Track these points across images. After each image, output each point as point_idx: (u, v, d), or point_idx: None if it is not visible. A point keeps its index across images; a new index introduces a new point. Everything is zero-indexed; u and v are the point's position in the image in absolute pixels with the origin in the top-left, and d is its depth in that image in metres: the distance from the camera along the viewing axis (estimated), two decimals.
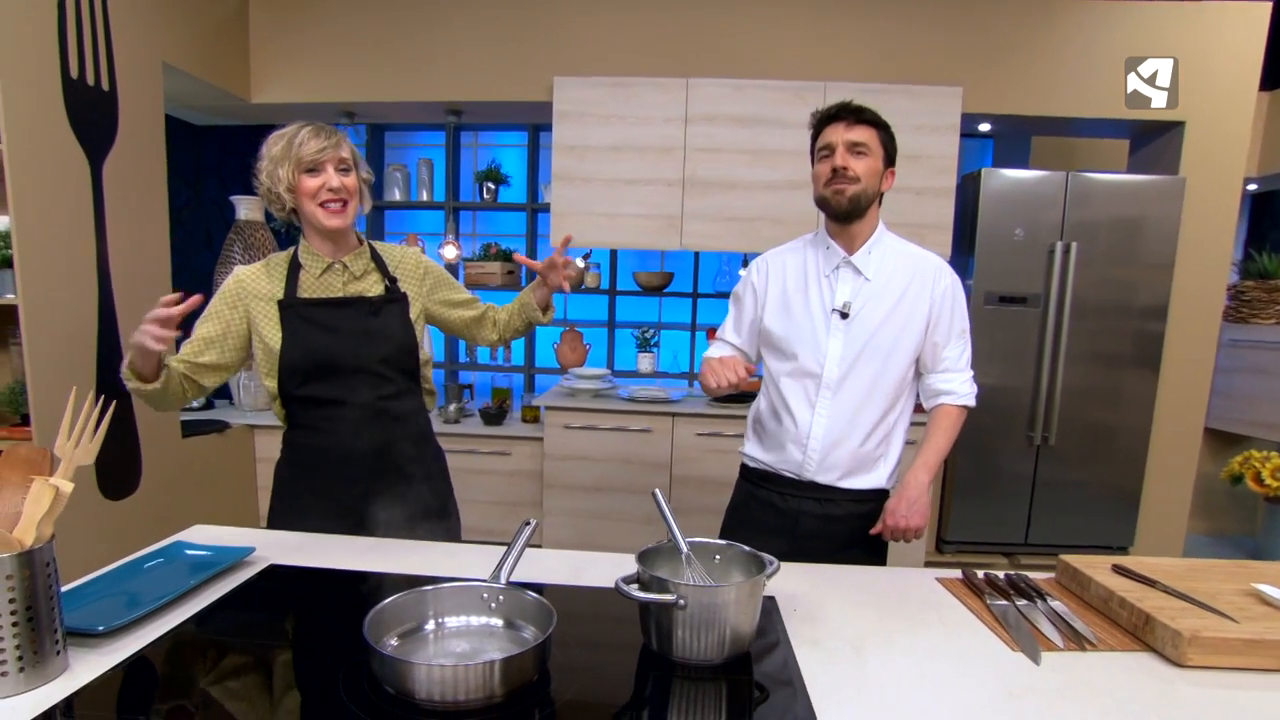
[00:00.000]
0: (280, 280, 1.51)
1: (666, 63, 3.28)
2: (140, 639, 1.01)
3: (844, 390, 1.54)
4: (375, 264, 1.58)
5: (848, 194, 1.50)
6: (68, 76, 2.34)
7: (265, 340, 1.49)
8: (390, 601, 0.97)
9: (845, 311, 1.54)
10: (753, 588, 0.99)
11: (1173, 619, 1.05)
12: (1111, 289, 3.15)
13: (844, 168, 1.49)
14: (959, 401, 1.60)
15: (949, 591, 1.28)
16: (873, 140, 1.50)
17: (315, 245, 1.52)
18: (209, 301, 1.50)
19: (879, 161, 1.52)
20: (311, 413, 1.52)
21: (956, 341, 1.60)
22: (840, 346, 1.54)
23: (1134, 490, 3.26)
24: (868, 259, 1.56)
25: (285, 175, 1.43)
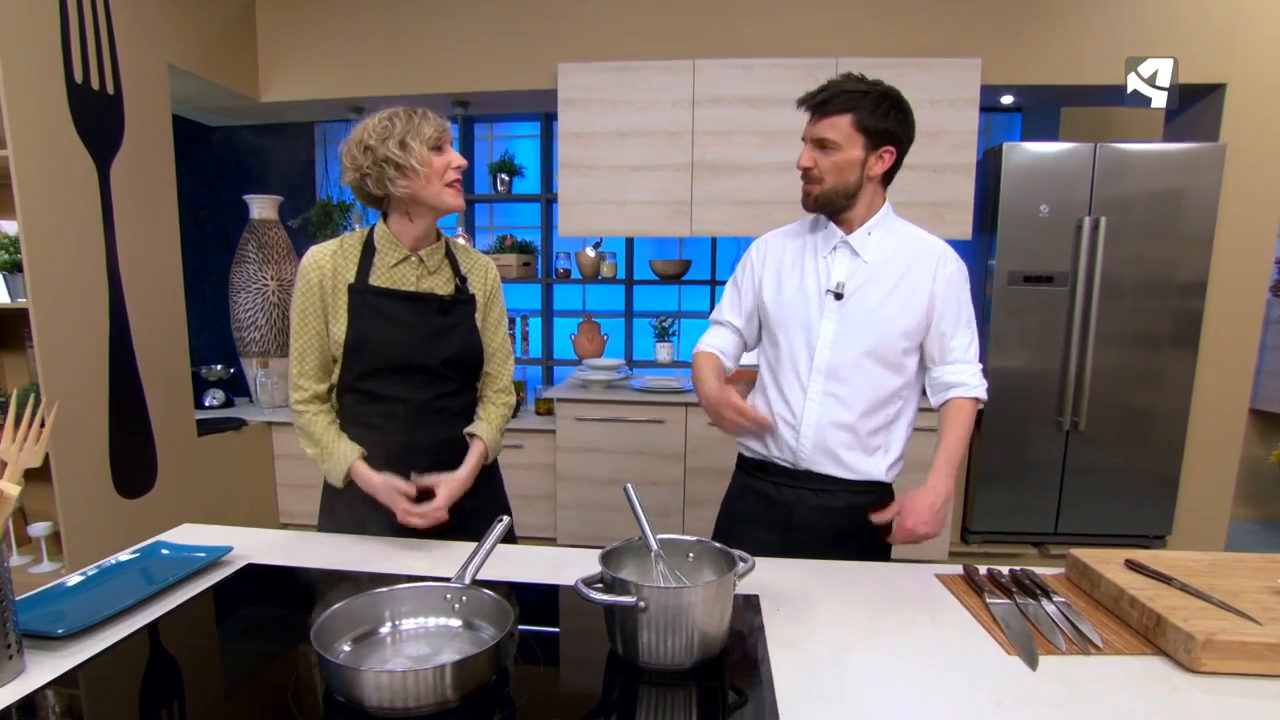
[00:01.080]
0: (353, 262, 1.45)
1: (673, 45, 3.21)
2: (101, 642, 0.99)
3: (837, 375, 1.47)
4: (449, 261, 1.52)
5: (813, 195, 1.45)
6: (72, 81, 2.37)
7: (332, 327, 1.44)
8: (343, 605, 0.94)
9: (839, 292, 1.46)
10: (720, 588, 0.93)
11: (1186, 620, 0.96)
12: (1145, 265, 2.98)
13: (807, 168, 1.43)
14: (971, 394, 1.50)
15: (947, 589, 1.21)
16: (844, 131, 1.40)
17: (396, 231, 1.45)
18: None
19: (855, 150, 1.41)
20: (367, 407, 1.48)
21: (964, 331, 1.51)
22: (834, 328, 1.47)
23: (1172, 476, 3.10)
24: (866, 240, 1.48)
25: (419, 149, 1.36)
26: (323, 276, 1.43)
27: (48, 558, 2.46)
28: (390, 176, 1.38)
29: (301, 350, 1.46)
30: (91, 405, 2.46)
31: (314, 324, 1.45)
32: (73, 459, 2.37)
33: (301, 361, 1.46)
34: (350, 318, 1.43)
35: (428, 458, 1.46)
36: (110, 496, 2.52)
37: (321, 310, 1.44)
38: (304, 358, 1.46)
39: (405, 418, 1.46)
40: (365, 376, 1.45)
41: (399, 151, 1.36)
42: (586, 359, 3.69)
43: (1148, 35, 3.01)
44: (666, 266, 3.71)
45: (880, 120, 1.40)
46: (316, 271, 1.44)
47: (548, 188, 3.99)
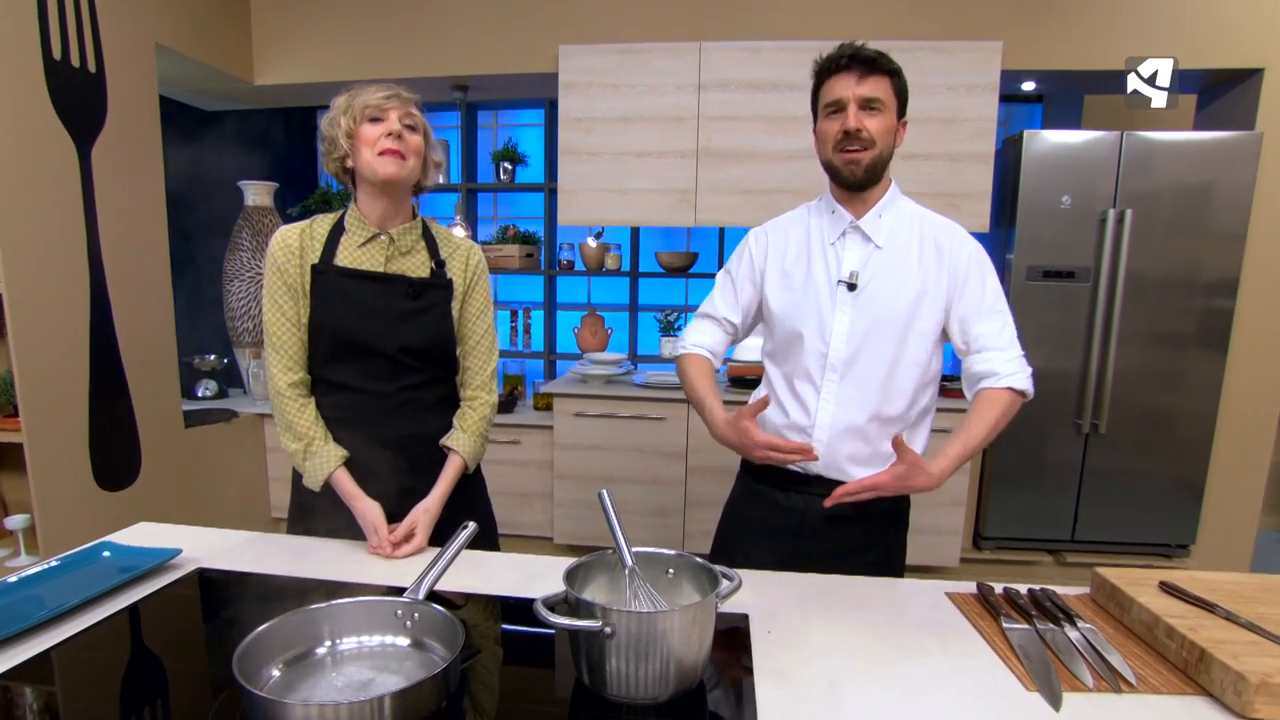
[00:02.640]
0: (320, 242, 1.36)
1: (678, 27, 3.08)
2: (14, 656, 0.90)
3: (854, 372, 1.35)
4: (425, 242, 1.42)
5: (864, 163, 1.31)
6: (50, 58, 2.27)
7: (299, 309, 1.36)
8: (275, 623, 0.83)
9: (853, 282, 1.34)
10: (698, 612, 0.82)
11: (1236, 657, 0.84)
12: (1172, 261, 2.83)
13: (858, 129, 1.29)
14: (1003, 383, 1.31)
15: (959, 610, 1.09)
16: (888, 93, 1.30)
17: (365, 209, 1.36)
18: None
19: (893, 116, 1.32)
20: (332, 398, 1.39)
21: (991, 316, 1.35)
22: (848, 321, 1.35)
23: (1196, 482, 2.95)
24: (878, 224, 1.37)
25: (345, 122, 1.31)
26: (289, 256, 1.34)
27: (25, 551, 2.38)
28: (329, 153, 1.35)
29: (277, 334, 1.36)
30: (70, 394, 2.38)
31: (285, 306, 1.35)
32: (49, 450, 2.28)
33: (277, 347, 1.36)
34: (313, 299, 1.34)
35: (393, 454, 1.36)
36: (89, 488, 2.44)
37: (290, 291, 1.35)
38: (282, 342, 1.36)
39: (367, 409, 1.36)
40: (326, 362, 1.35)
41: (328, 128, 1.34)
42: (589, 353, 3.59)
43: (1180, 17, 2.85)
44: (673, 259, 3.60)
45: (905, 91, 1.33)
46: (283, 252, 1.34)
47: (551, 177, 3.88)
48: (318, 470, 1.34)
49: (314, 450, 1.35)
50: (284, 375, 1.36)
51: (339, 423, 1.38)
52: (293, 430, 1.36)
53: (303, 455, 1.35)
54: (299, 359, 1.37)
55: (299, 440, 1.35)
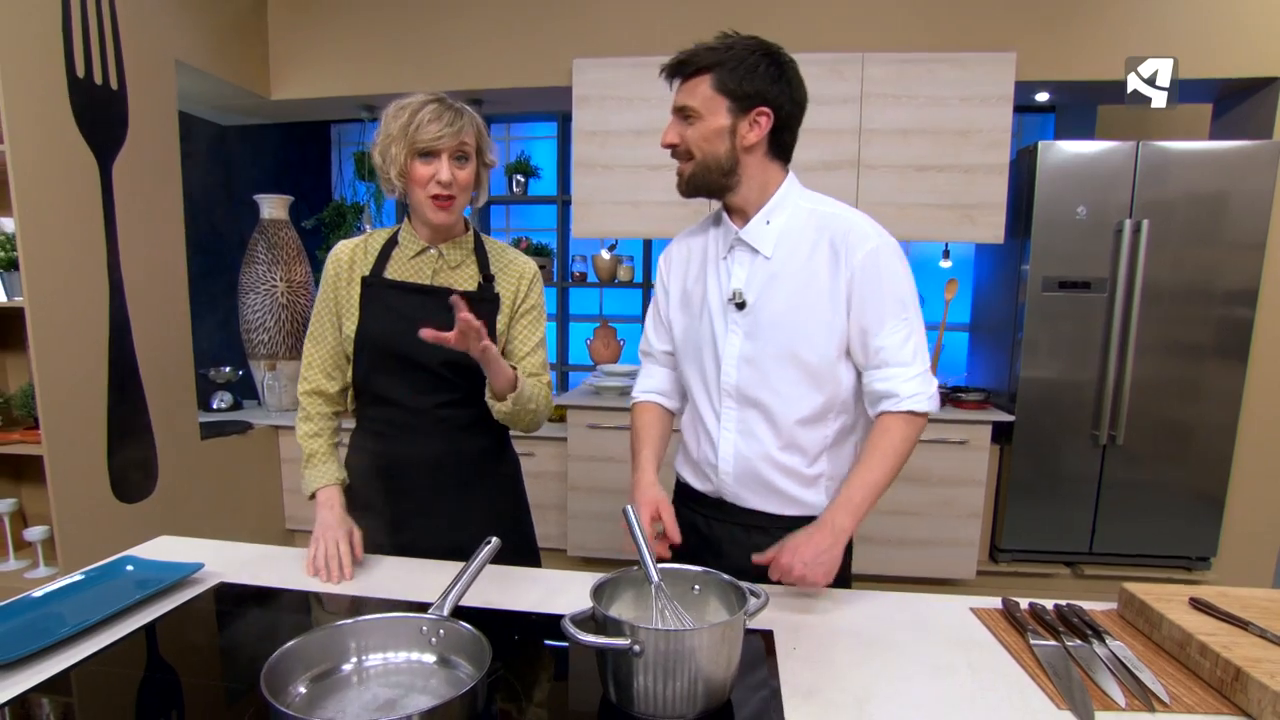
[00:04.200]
0: (374, 256, 1.40)
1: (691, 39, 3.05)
2: (40, 672, 0.90)
3: (750, 397, 1.26)
4: (476, 256, 1.42)
5: (683, 177, 1.23)
6: (73, 75, 2.31)
7: (345, 323, 1.39)
8: (301, 640, 0.83)
9: (740, 301, 1.24)
10: (727, 630, 0.82)
11: (1273, 676, 0.83)
12: (1190, 271, 2.81)
13: (671, 145, 1.22)
14: (902, 406, 1.19)
15: (985, 626, 1.08)
16: (703, 95, 1.18)
17: (417, 227, 1.39)
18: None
19: (719, 117, 1.18)
20: (374, 410, 1.42)
21: (894, 326, 1.20)
22: (739, 343, 1.25)
23: (1217, 494, 2.92)
24: (764, 231, 1.23)
25: (398, 156, 1.28)
26: (339, 269, 1.40)
27: (44, 563, 2.39)
28: (383, 180, 1.35)
29: (313, 340, 1.42)
30: (90, 407, 2.40)
31: (326, 316, 1.41)
32: (69, 462, 2.30)
33: (309, 353, 1.43)
34: (361, 311, 1.38)
35: (426, 473, 1.37)
36: (108, 501, 2.45)
37: (334, 303, 1.40)
38: (311, 350, 1.42)
39: (403, 424, 1.38)
40: (369, 374, 1.39)
41: (379, 158, 1.32)
42: (602, 364, 3.59)
43: (1194, 27, 2.84)
44: None
45: (745, 79, 1.17)
46: (334, 264, 1.41)
47: (564, 190, 3.90)
48: (309, 483, 1.38)
49: (314, 464, 1.39)
50: (304, 383, 1.43)
51: (378, 436, 1.41)
52: (300, 435, 1.42)
53: (305, 462, 1.40)
54: (322, 368, 1.42)
55: (303, 450, 1.41)
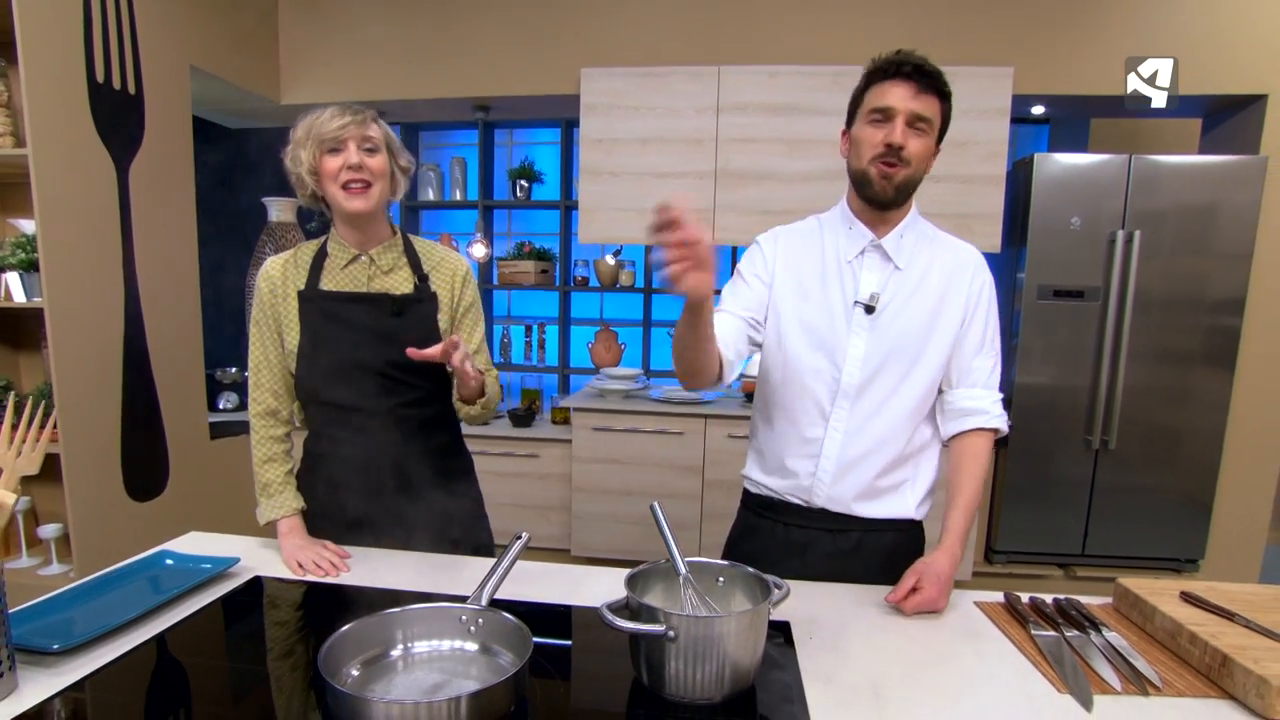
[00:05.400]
0: (305, 270, 1.41)
1: (697, 51, 3.17)
2: (98, 658, 0.95)
3: (865, 399, 1.29)
4: (408, 259, 1.45)
5: (896, 180, 1.23)
6: (93, 80, 2.35)
7: (286, 339, 1.41)
8: (352, 626, 0.89)
9: (871, 305, 1.28)
10: (754, 618, 0.87)
11: (1257, 661, 0.89)
12: (1180, 281, 2.89)
13: (901, 146, 1.20)
14: (992, 424, 1.30)
15: (988, 618, 1.14)
16: (936, 114, 1.22)
17: (343, 234, 1.40)
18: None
19: (934, 140, 1.25)
20: (327, 418, 1.42)
21: (989, 352, 1.32)
22: (864, 346, 1.28)
23: (1205, 498, 3.00)
24: (899, 244, 1.30)
25: (306, 157, 1.32)
26: (272, 287, 1.41)
27: (57, 560, 2.43)
28: (297, 187, 1.38)
29: (255, 364, 1.43)
30: (104, 406, 2.44)
31: (265, 337, 1.42)
32: (84, 460, 2.34)
33: (256, 374, 1.43)
34: (302, 325, 1.39)
35: (395, 472, 1.40)
36: (121, 499, 2.49)
37: (273, 323, 1.41)
38: (258, 371, 1.43)
39: (366, 428, 1.39)
40: (320, 385, 1.39)
41: (292, 164, 1.36)
42: (604, 368, 3.64)
43: (1185, 43, 2.93)
44: None
45: (949, 117, 1.26)
46: (266, 282, 1.41)
47: (567, 195, 3.96)
48: (266, 513, 1.40)
49: (270, 493, 1.41)
50: (255, 404, 1.43)
51: (337, 441, 1.41)
52: (254, 461, 1.43)
53: (259, 491, 1.41)
54: (270, 388, 1.43)
55: (258, 477, 1.42)
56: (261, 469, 1.41)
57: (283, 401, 1.43)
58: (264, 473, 1.41)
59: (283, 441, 1.44)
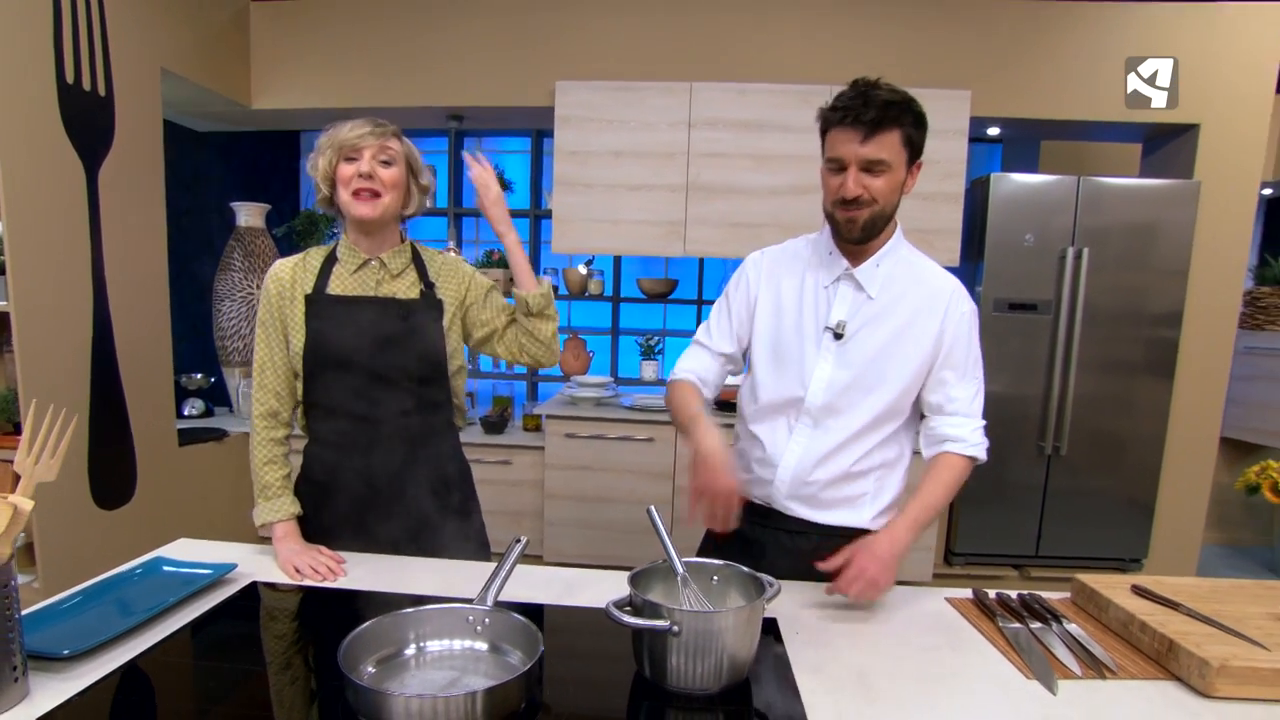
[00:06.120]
0: (314, 273, 1.43)
1: (670, 67, 3.24)
2: (107, 664, 0.96)
3: (827, 419, 1.34)
4: (415, 265, 1.48)
5: (860, 222, 1.26)
6: (63, 81, 2.32)
7: (292, 341, 1.42)
8: (367, 626, 0.92)
9: (839, 331, 1.32)
10: (751, 613, 0.94)
11: (1199, 646, 0.99)
12: (1124, 295, 3.08)
13: (856, 196, 1.24)
14: (967, 451, 1.34)
15: (958, 613, 1.23)
16: (895, 149, 1.22)
17: (353, 239, 1.44)
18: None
19: (901, 170, 1.25)
20: (329, 424, 1.44)
21: (969, 380, 1.34)
22: (830, 370, 1.33)
23: (1148, 501, 3.18)
24: (874, 273, 1.33)
25: (323, 163, 1.38)
26: (280, 288, 1.43)
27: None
28: (316, 194, 1.43)
29: (260, 365, 1.45)
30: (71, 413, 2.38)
31: (271, 338, 1.44)
32: None
33: (260, 375, 1.45)
34: (308, 327, 1.41)
35: (395, 473, 1.43)
36: (87, 507, 2.44)
37: (279, 324, 1.43)
38: (262, 372, 1.45)
39: (369, 434, 1.42)
40: (324, 387, 1.42)
41: (311, 169, 1.40)
42: (573, 375, 3.69)
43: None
44: (654, 285, 3.73)
45: (921, 131, 1.26)
46: (275, 284, 1.43)
47: (537, 204, 4.00)
48: (262, 515, 1.42)
49: (269, 496, 1.42)
50: (258, 405, 1.45)
51: (338, 448, 1.44)
52: (254, 463, 1.44)
53: (258, 493, 1.43)
54: (274, 390, 1.44)
55: (257, 478, 1.44)
56: (261, 470, 1.43)
57: (285, 403, 1.45)
58: (263, 474, 1.42)
59: (282, 444, 1.45)
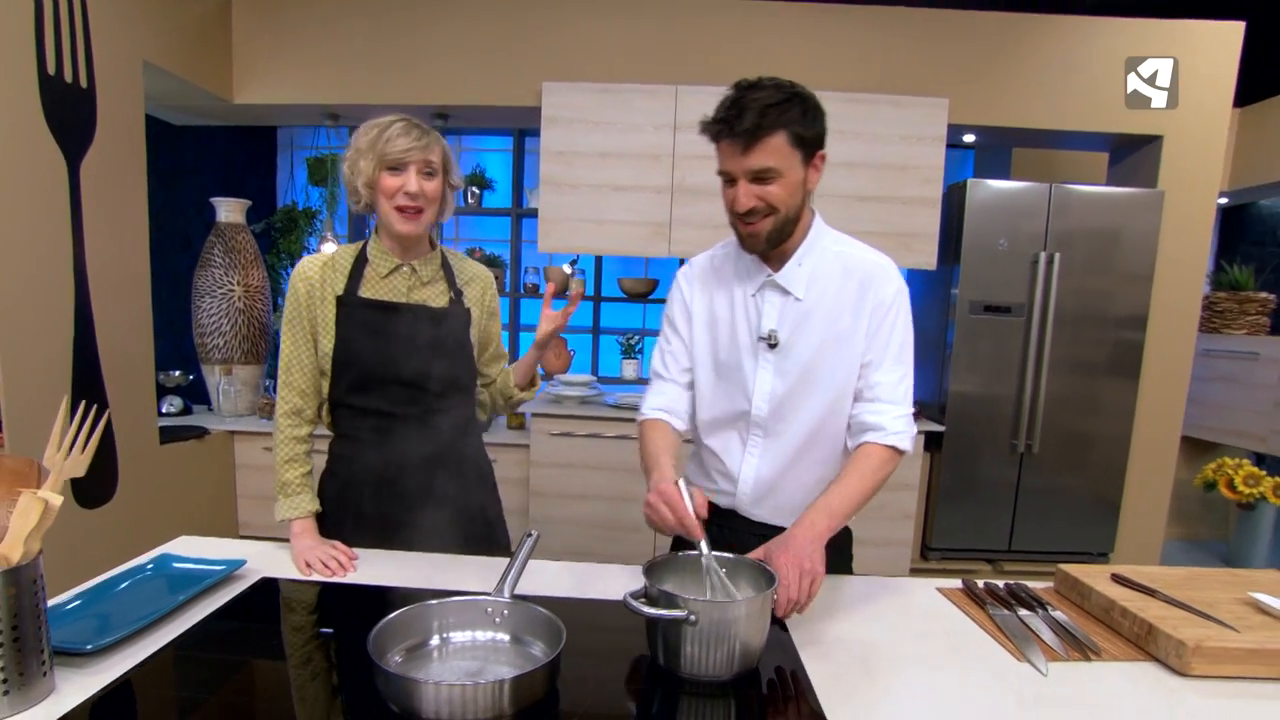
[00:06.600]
0: (343, 274, 1.43)
1: (656, 70, 3.29)
2: (129, 658, 0.97)
3: (777, 428, 1.32)
4: (444, 272, 1.50)
5: (763, 235, 1.23)
6: (44, 73, 2.28)
7: (321, 341, 1.42)
8: (394, 616, 0.95)
9: (773, 341, 1.30)
10: (765, 602, 0.98)
11: (1175, 629, 1.05)
12: (1093, 299, 3.20)
13: (748, 210, 1.20)
14: (887, 440, 1.26)
15: (950, 601, 1.29)
16: (783, 152, 1.17)
17: (387, 243, 1.44)
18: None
19: (796, 170, 1.19)
20: (359, 423, 1.45)
21: (892, 365, 1.29)
22: (770, 380, 1.30)
23: (1114, 497, 3.31)
24: (797, 273, 1.29)
25: (367, 169, 1.36)
26: (310, 288, 1.43)
27: None
28: (351, 195, 1.42)
29: (286, 363, 1.46)
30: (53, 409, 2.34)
31: (299, 337, 1.44)
32: None
33: (286, 374, 1.46)
34: (339, 333, 1.42)
35: (420, 475, 1.46)
36: (69, 506, 2.40)
37: (307, 324, 1.43)
38: (288, 371, 1.46)
39: (395, 433, 1.44)
40: (353, 390, 1.43)
41: (349, 170, 1.39)
42: (555, 374, 3.71)
43: (1095, 89, 3.25)
44: (635, 285, 3.77)
45: (812, 125, 1.19)
46: (304, 283, 1.43)
47: (518, 203, 4.01)
48: (282, 512, 1.43)
49: (289, 493, 1.43)
50: (283, 403, 1.46)
51: (366, 444, 1.46)
52: (275, 459, 1.45)
53: (279, 489, 1.44)
54: (299, 388, 1.45)
55: (278, 475, 1.45)
56: (282, 468, 1.44)
57: (309, 401, 1.46)
58: (284, 472, 1.44)
59: (304, 442, 1.47)
